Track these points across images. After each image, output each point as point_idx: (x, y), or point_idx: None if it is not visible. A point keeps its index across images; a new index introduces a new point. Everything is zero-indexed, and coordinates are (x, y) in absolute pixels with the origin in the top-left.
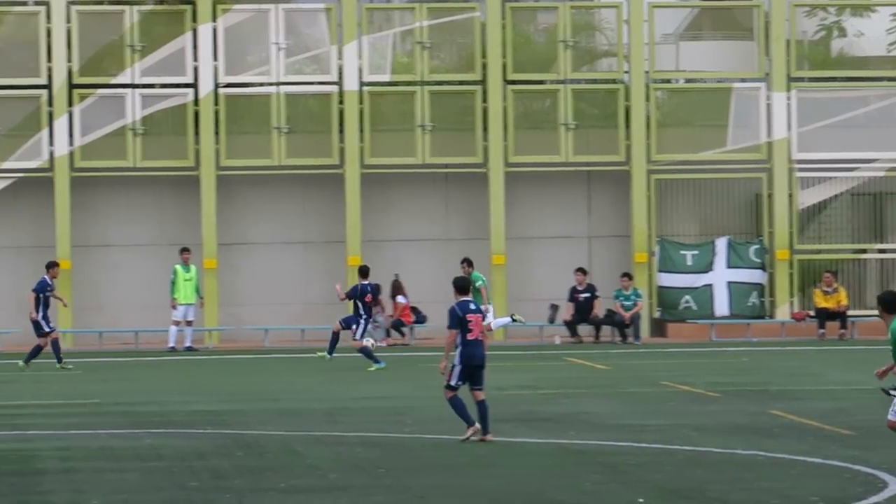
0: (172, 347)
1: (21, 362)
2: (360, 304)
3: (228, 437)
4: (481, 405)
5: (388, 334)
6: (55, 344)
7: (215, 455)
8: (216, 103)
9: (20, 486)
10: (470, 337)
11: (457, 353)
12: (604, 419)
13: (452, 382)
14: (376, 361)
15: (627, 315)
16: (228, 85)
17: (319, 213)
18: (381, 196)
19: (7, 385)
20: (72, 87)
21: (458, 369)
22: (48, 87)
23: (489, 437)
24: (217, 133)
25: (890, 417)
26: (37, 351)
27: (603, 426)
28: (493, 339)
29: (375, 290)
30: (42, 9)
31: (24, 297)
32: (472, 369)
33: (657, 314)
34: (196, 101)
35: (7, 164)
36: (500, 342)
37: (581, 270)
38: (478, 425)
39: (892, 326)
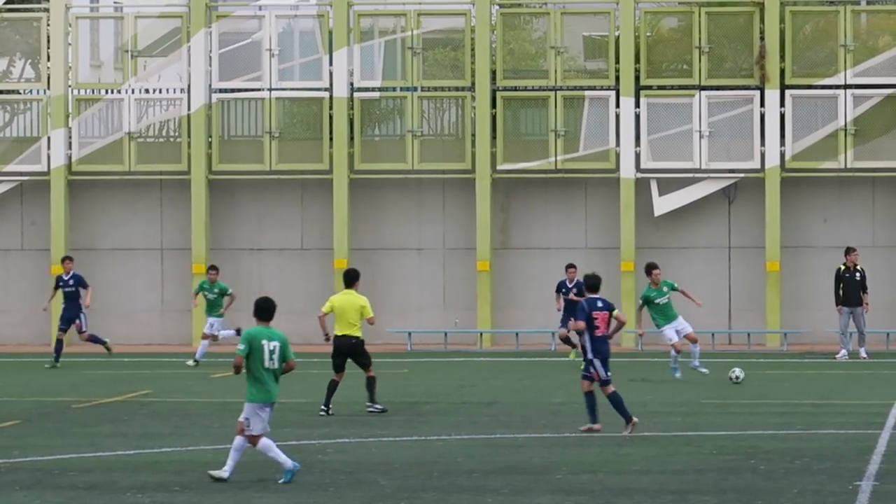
0: None
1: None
2: None
3: None
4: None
5: None
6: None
7: None
8: None
9: None
10: (597, 333)
11: (588, 348)
12: None
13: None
14: None
15: None
16: None
17: None
18: None
19: None
20: (784, 87)
21: (598, 363)
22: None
23: (634, 421)
24: None
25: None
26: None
27: None
28: None
29: None
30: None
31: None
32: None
33: None
34: None
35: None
36: None
37: None
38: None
39: None
